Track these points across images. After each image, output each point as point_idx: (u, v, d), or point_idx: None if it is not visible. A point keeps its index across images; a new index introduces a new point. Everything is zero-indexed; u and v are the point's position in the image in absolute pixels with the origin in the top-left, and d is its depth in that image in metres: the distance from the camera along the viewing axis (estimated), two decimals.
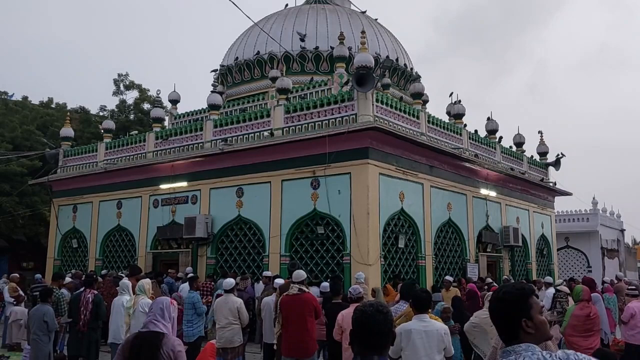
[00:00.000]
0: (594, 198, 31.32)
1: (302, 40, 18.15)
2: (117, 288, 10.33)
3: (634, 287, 11.57)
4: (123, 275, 13.19)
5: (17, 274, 15.29)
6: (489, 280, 14.37)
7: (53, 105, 29.82)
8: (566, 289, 10.36)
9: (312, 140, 13.05)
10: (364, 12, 21.03)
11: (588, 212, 30.76)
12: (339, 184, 12.77)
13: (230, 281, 9.12)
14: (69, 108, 28.93)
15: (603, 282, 14.80)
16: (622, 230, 35.78)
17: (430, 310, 5.79)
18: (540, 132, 21.51)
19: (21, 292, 13.56)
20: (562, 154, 20.84)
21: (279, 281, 9.61)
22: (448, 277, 12.88)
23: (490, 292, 6.83)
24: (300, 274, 7.95)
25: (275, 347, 7.59)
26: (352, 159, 12.67)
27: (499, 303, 2.34)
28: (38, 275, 16.18)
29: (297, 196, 13.35)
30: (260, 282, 12.29)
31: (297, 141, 13.36)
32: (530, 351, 2.16)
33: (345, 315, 6.79)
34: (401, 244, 13.35)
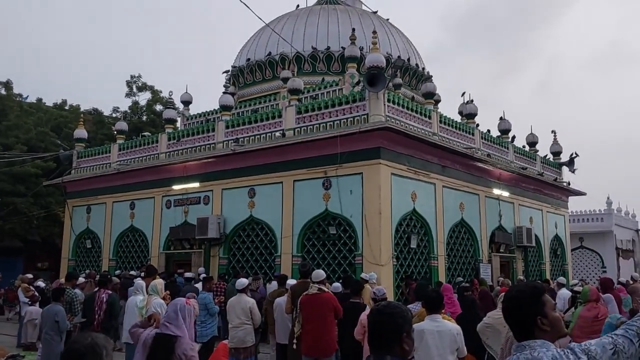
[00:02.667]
0: (608, 198, 31.01)
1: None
2: (129, 289, 10.43)
3: None
4: (134, 274, 13.31)
5: (28, 275, 15.43)
6: (501, 279, 14.29)
7: (67, 107, 30.09)
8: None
9: (323, 140, 13.05)
10: (375, 12, 21.00)
11: (602, 212, 30.46)
12: (351, 184, 12.76)
13: (243, 281, 9.17)
14: (82, 110, 29.17)
15: (618, 283, 14.65)
16: (637, 231, 35.37)
17: (443, 310, 5.77)
18: (553, 131, 21.34)
19: (36, 292, 13.69)
20: (576, 153, 20.64)
21: (291, 282, 9.63)
22: (458, 280, 12.81)
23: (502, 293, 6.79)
24: (320, 273, 8.00)
25: (295, 346, 7.60)
26: (364, 159, 12.65)
27: (512, 302, 2.34)
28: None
29: (309, 196, 13.35)
30: (273, 282, 12.32)
31: (309, 141, 13.37)
32: (545, 347, 2.16)
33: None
34: (413, 245, 13.30)
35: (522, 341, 2.23)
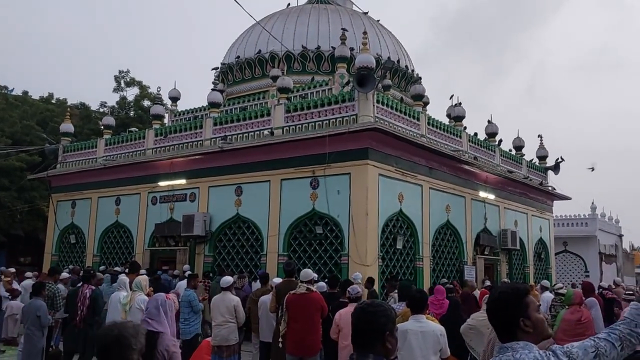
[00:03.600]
0: (592, 203, 31.37)
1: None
2: (113, 284, 10.36)
3: (630, 292, 11.59)
4: (119, 270, 13.20)
5: (11, 269, 15.22)
6: (488, 283, 14.39)
7: (53, 101, 29.80)
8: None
9: (312, 139, 13.04)
10: (366, 13, 21.03)
11: (587, 216, 30.78)
12: (339, 184, 12.76)
13: (227, 279, 9.14)
14: (69, 104, 28.89)
15: (600, 287, 14.79)
16: (621, 236, 35.81)
17: (428, 311, 5.79)
18: (540, 136, 21.55)
19: (17, 287, 13.52)
20: (561, 158, 20.87)
21: (277, 280, 9.62)
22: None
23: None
24: (309, 273, 8.01)
25: (280, 345, 7.60)
26: (352, 160, 12.66)
27: (495, 303, 2.35)
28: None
29: (296, 196, 13.34)
30: (258, 281, 12.28)
31: (297, 140, 13.35)
32: (527, 349, 2.16)
33: (343, 315, 6.82)
34: (399, 245, 13.34)
35: (505, 343, 2.24)
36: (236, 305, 8.71)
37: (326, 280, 10.28)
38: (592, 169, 20.57)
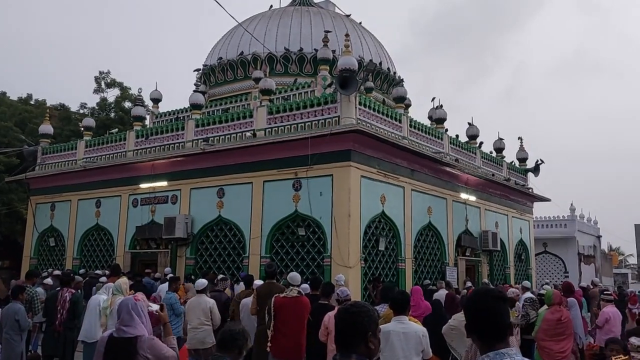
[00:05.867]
0: (571, 204, 31.83)
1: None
2: (94, 288, 10.23)
3: (609, 292, 11.78)
4: (100, 273, 13.06)
5: None
6: (469, 284, 14.52)
7: (32, 102, 29.37)
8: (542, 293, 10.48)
9: (294, 141, 13.04)
10: (348, 16, 21.11)
11: (566, 218, 31.22)
12: (321, 185, 12.77)
13: (202, 282, 9.10)
14: (48, 105, 28.52)
15: (579, 287, 15.03)
16: (599, 237, 36.37)
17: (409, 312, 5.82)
18: (520, 138, 21.87)
19: None
20: (541, 160, 21.13)
21: (258, 282, 9.58)
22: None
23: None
24: (297, 276, 8.00)
25: (269, 349, 7.49)
26: (334, 161, 12.68)
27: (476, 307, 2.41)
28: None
29: (279, 197, 13.32)
30: (241, 283, 12.23)
31: (280, 142, 13.34)
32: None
33: (332, 317, 6.82)
34: (381, 247, 13.39)
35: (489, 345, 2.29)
36: (212, 307, 8.66)
37: (309, 282, 10.27)
38: (541, 162, 20.81)
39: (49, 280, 11.78)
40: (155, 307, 4.41)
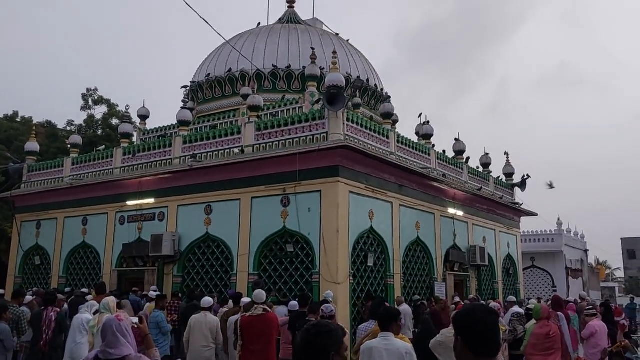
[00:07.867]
0: (558, 219, 32.07)
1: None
2: (80, 306, 10.07)
3: (591, 307, 11.83)
4: (86, 291, 12.90)
5: None
6: (457, 299, 14.51)
7: (18, 119, 29.14)
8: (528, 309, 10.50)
9: (282, 157, 13.05)
10: (337, 35, 21.32)
11: (553, 232, 31.42)
12: (309, 201, 12.76)
13: (208, 300, 9.08)
14: (35, 122, 28.26)
15: (566, 301, 15.09)
16: (586, 251, 36.62)
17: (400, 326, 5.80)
18: (506, 153, 22.02)
19: None
20: (527, 175, 21.32)
21: (245, 300, 9.53)
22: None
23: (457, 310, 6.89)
24: (263, 294, 8.01)
25: None
26: (323, 177, 12.69)
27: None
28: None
29: (267, 214, 13.28)
30: (230, 301, 12.14)
31: (268, 158, 13.34)
32: None
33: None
34: (370, 263, 13.37)
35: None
36: (217, 326, 8.69)
37: (297, 299, 10.23)
38: (551, 186, 20.92)
39: (28, 298, 11.61)
40: (134, 319, 4.40)
